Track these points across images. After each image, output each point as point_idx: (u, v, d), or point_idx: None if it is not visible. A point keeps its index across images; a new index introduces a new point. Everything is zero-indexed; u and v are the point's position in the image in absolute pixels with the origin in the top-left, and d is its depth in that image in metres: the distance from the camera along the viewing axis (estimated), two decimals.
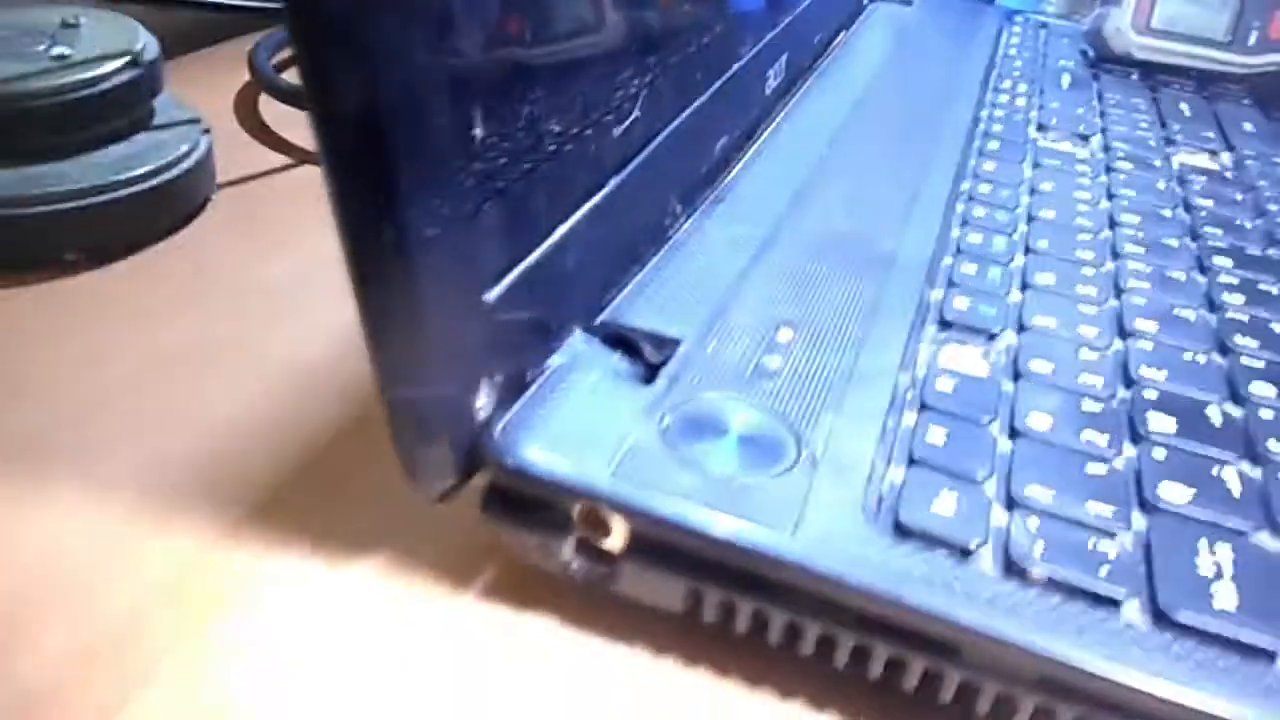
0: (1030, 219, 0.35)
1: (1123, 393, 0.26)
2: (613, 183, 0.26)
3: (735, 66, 0.35)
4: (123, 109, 0.33)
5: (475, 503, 0.21)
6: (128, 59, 0.32)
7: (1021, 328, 0.28)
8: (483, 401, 0.21)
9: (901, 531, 0.20)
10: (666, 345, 0.24)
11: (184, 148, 0.34)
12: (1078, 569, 0.19)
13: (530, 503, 0.20)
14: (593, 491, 0.19)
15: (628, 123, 0.27)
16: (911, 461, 0.22)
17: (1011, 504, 0.21)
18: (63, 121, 0.31)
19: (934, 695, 0.19)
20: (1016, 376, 0.26)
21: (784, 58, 0.41)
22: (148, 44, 0.34)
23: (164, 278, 0.31)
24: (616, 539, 0.20)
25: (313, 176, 0.34)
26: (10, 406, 0.25)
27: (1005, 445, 0.23)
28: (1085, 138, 0.44)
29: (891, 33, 0.55)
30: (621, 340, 0.24)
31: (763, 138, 0.38)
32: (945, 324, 0.27)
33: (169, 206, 0.33)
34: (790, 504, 0.20)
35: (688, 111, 0.30)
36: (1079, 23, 0.61)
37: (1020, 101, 0.47)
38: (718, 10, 0.34)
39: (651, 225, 0.29)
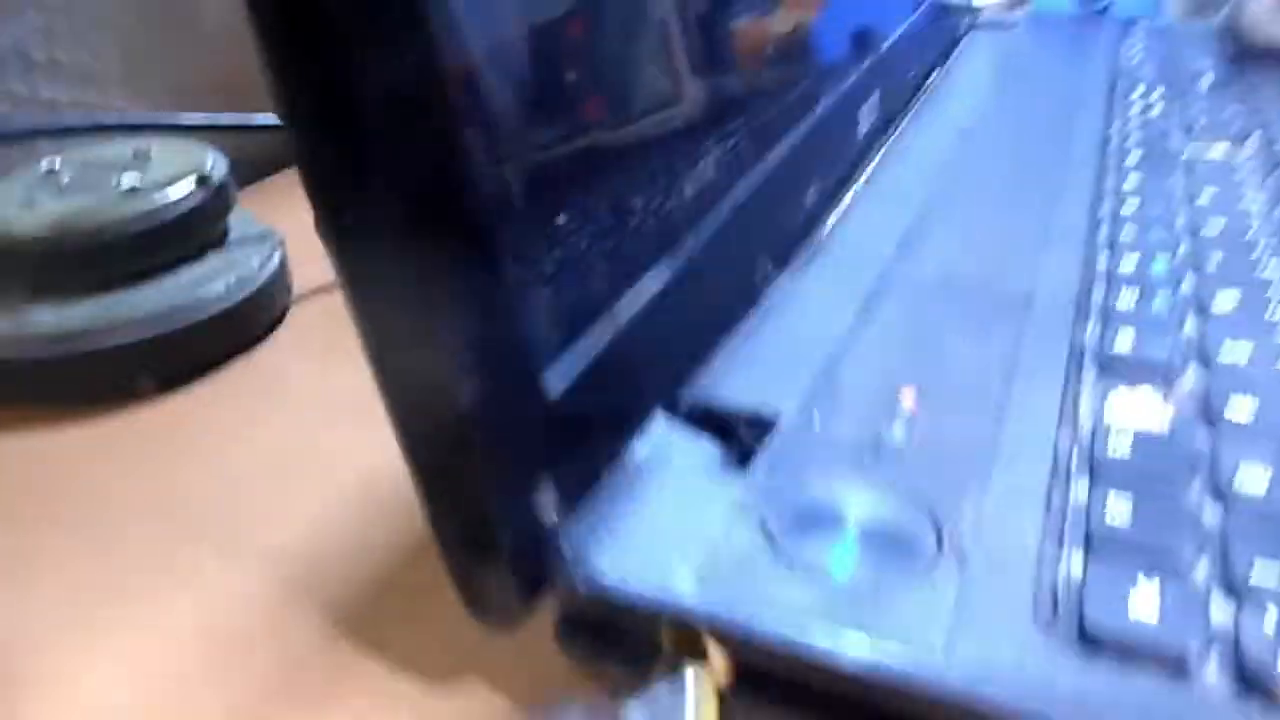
0: (1193, 234, 0.29)
1: None
2: (688, 248, 0.22)
3: (820, 110, 0.31)
4: (193, 231, 0.32)
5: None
6: (195, 181, 0.32)
7: (1206, 362, 0.23)
8: (546, 508, 0.17)
9: (1089, 642, 0.15)
10: (763, 423, 0.20)
11: (256, 264, 0.33)
12: None
13: (611, 629, 0.17)
14: (679, 610, 0.16)
15: (702, 185, 0.24)
16: (1090, 547, 0.17)
17: (1234, 592, 0.16)
18: (133, 250, 0.30)
19: None
20: (1211, 423, 0.20)
21: (875, 96, 0.37)
22: (215, 165, 0.33)
23: (235, 398, 0.29)
24: (717, 670, 0.16)
25: None
26: (88, 537, 0.23)
27: (1212, 514, 0.18)
28: (1240, 139, 0.38)
29: (995, 58, 0.50)
30: (710, 421, 0.21)
31: (860, 182, 0.34)
32: (1109, 367, 0.23)
33: (242, 325, 0.32)
34: (936, 614, 0.15)
35: (770, 165, 0.27)
36: (1207, 21, 0.55)
37: (1156, 110, 0.41)
38: (799, 59, 0.31)
39: (740, 289, 0.26)
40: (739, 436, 0.20)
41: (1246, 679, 0.14)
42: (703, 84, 0.24)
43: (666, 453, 0.19)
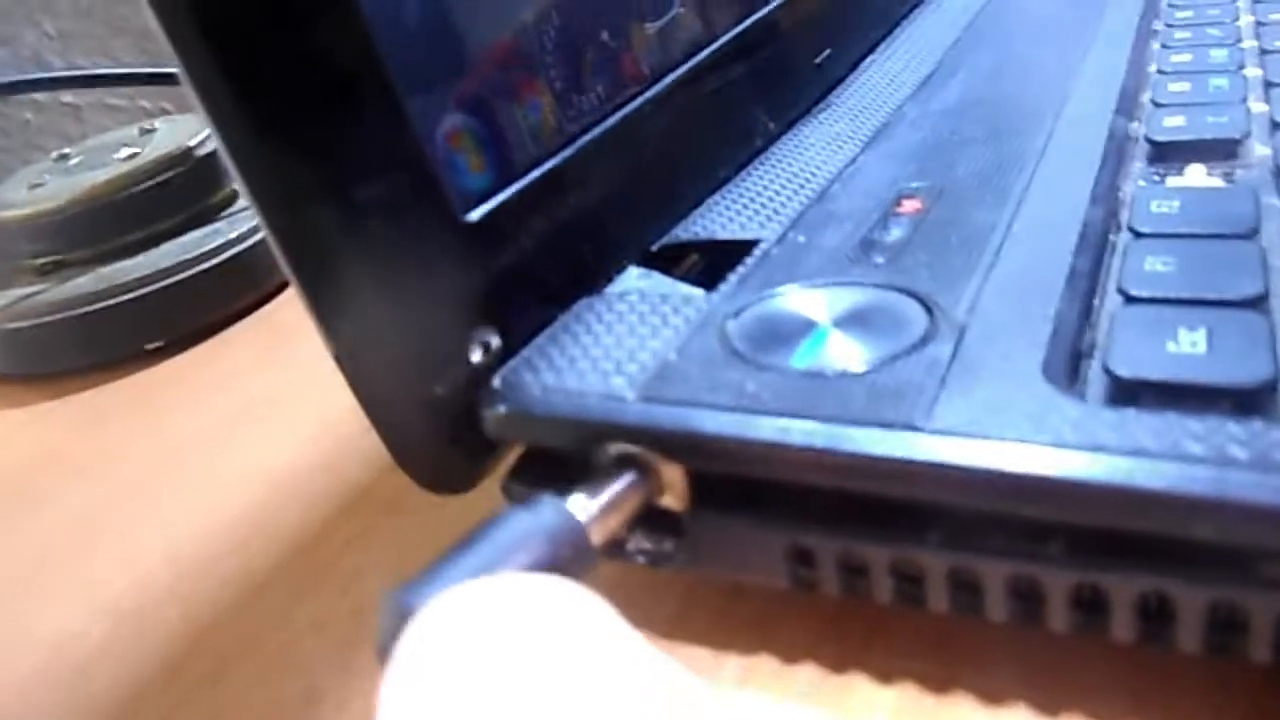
0: (1259, 26, 0.25)
1: None
2: (652, 90, 0.20)
3: None
4: (190, 196, 0.31)
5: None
6: (195, 146, 0.32)
7: (1277, 128, 0.19)
8: (479, 356, 0.15)
9: (1123, 391, 0.12)
10: (738, 249, 0.18)
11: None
12: None
13: (556, 466, 0.14)
14: (619, 423, 0.13)
15: (664, 20, 0.22)
16: (1129, 300, 0.14)
17: None
18: (132, 213, 0.30)
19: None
20: None
21: None
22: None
23: (241, 351, 0.29)
24: (673, 490, 0.13)
25: None
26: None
27: None
28: None
29: None
30: (683, 260, 0.18)
31: (885, 46, 0.31)
32: (1158, 148, 0.19)
33: (246, 281, 0.31)
34: (925, 386, 0.12)
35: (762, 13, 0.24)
36: None
37: None
38: None
39: (730, 141, 0.23)
40: (711, 269, 0.18)
41: None
42: None
43: (631, 293, 0.17)
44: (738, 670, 0.14)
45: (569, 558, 0.12)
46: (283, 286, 0.33)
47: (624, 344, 0.15)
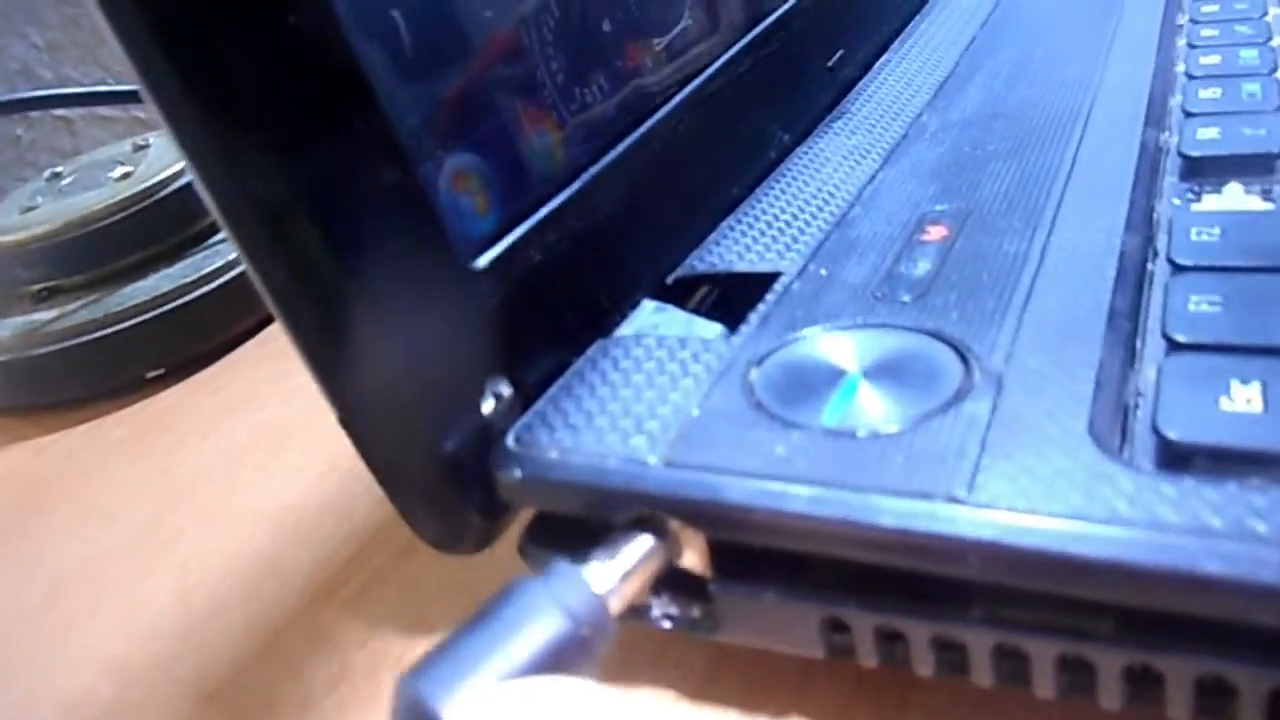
0: None
1: None
2: (663, 111, 0.19)
3: None
4: (186, 216, 0.31)
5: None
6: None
7: None
8: (490, 408, 0.15)
9: (1175, 455, 0.11)
10: (758, 284, 0.17)
11: None
12: None
13: (572, 530, 0.14)
14: (642, 492, 0.13)
15: (670, 36, 0.21)
16: (1174, 346, 0.13)
17: None
18: (128, 236, 0.29)
19: None
20: None
21: None
22: None
23: (245, 377, 0.28)
24: (694, 552, 0.13)
25: None
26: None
27: None
28: None
29: None
30: (699, 295, 0.18)
31: (899, 45, 0.30)
32: (1192, 164, 0.18)
33: (247, 304, 0.30)
34: (964, 449, 0.12)
35: (769, 28, 0.23)
36: None
37: None
38: None
39: (744, 157, 0.22)
40: (728, 302, 0.17)
41: None
42: None
43: (647, 334, 0.16)
44: None
45: (588, 635, 0.11)
46: None
47: (643, 396, 0.14)
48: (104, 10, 0.11)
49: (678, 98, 0.20)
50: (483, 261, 0.15)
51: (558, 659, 0.11)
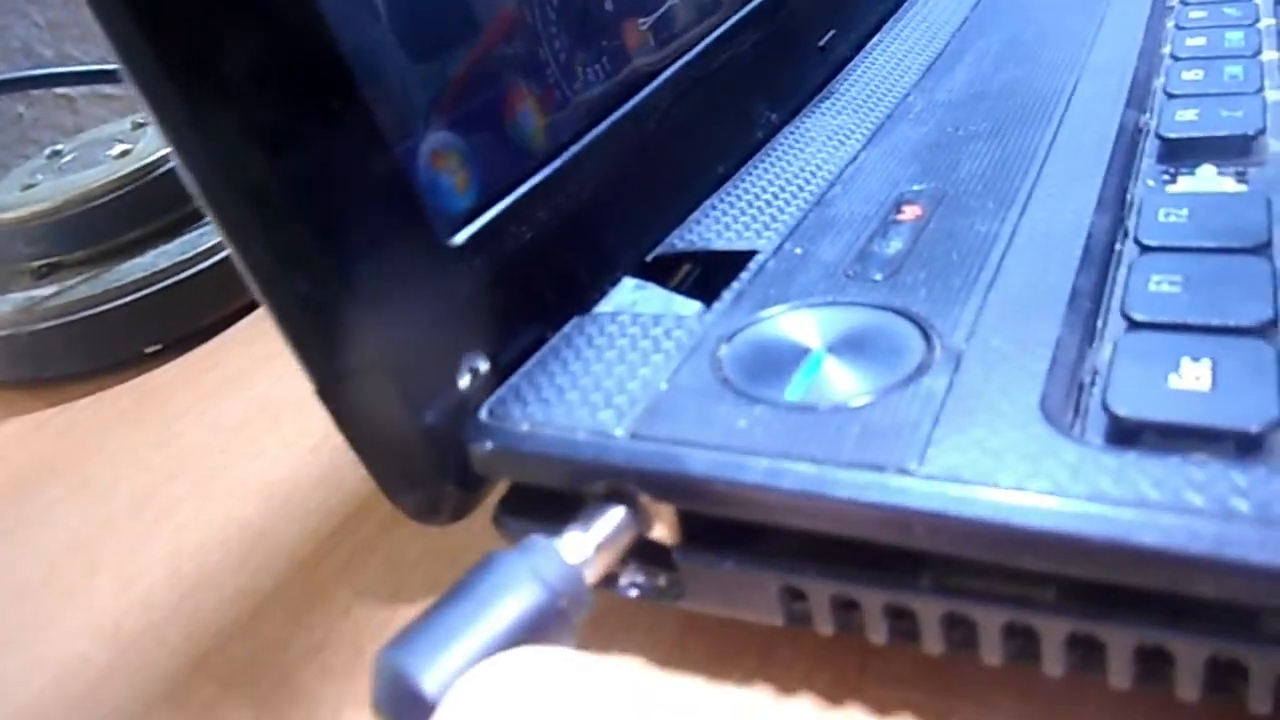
0: (1279, 4, 0.24)
1: None
2: (648, 90, 0.20)
3: None
4: (184, 193, 0.31)
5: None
6: None
7: None
8: (467, 383, 0.15)
9: (1123, 431, 0.12)
10: (734, 261, 0.17)
11: None
12: None
13: (547, 495, 0.14)
14: (607, 463, 0.13)
15: (658, 14, 0.21)
16: (1132, 325, 0.13)
17: None
18: (127, 213, 0.30)
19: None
20: None
21: None
22: None
23: (241, 353, 0.28)
24: (663, 523, 0.13)
25: None
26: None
27: None
28: None
29: None
30: (678, 272, 0.18)
31: (892, 25, 0.30)
32: (1169, 145, 0.18)
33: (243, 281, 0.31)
34: (918, 423, 0.12)
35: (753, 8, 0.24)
36: None
37: None
38: None
39: (731, 137, 0.22)
40: (709, 280, 0.17)
41: None
42: None
43: (624, 311, 0.17)
44: (735, 702, 0.14)
45: (565, 606, 0.12)
46: None
47: (614, 371, 0.15)
48: None
49: (664, 76, 0.20)
50: (460, 238, 0.15)
51: (536, 630, 0.11)
